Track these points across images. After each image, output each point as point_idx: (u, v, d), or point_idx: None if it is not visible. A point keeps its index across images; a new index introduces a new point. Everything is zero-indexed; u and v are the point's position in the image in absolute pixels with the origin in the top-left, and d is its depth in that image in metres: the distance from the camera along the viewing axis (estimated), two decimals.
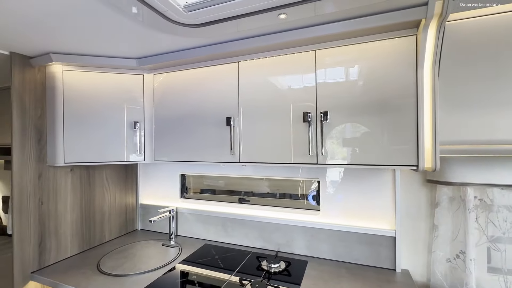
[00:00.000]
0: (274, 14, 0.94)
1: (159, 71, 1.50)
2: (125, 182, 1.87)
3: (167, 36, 1.14)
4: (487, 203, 1.16)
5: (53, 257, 1.41)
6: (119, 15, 0.97)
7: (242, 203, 1.68)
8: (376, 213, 1.35)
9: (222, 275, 1.28)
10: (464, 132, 1.00)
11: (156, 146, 1.52)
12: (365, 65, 1.07)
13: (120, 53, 1.36)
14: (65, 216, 1.47)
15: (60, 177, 1.46)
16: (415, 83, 0.99)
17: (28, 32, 1.09)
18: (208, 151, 1.37)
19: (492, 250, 1.17)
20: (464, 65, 0.99)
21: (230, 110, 1.31)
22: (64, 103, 1.38)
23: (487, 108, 0.97)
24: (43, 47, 1.25)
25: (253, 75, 1.26)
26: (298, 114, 1.17)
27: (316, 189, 1.51)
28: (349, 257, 1.39)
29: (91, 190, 1.63)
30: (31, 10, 0.92)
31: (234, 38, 1.18)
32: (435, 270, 1.24)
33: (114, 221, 1.78)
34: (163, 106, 1.50)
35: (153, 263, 1.39)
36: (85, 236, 1.58)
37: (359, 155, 1.08)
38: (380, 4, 0.90)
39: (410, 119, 1.00)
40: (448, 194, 1.22)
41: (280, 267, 1.33)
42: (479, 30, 0.96)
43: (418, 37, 0.97)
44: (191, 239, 1.75)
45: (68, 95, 1.38)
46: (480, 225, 1.17)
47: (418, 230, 1.31)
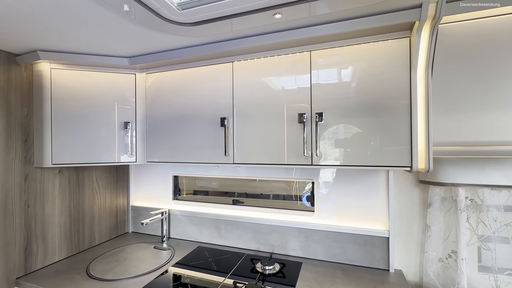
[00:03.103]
0: (270, 13, 0.93)
1: (151, 70, 1.47)
2: (116, 183, 1.83)
3: (160, 34, 1.12)
4: (477, 203, 1.18)
5: (40, 261, 1.36)
6: (110, 12, 0.94)
7: (236, 204, 1.67)
8: (370, 213, 1.35)
9: (216, 278, 1.26)
10: (457, 133, 1.01)
11: (148, 147, 1.49)
12: (360, 66, 1.07)
13: (111, 52, 1.33)
14: (53, 219, 1.42)
15: (48, 179, 1.41)
16: (409, 84, 1.00)
17: (14, 29, 1.05)
18: (202, 152, 1.34)
19: (482, 249, 1.19)
20: (457, 67, 1.00)
21: (224, 110, 1.29)
22: (52, 103, 1.33)
23: (480, 110, 0.98)
24: (30, 44, 1.21)
25: (248, 76, 1.25)
26: (293, 115, 1.16)
27: (310, 190, 1.51)
28: (344, 258, 1.39)
29: (80, 192, 1.58)
30: (19, 5, 0.88)
31: (228, 38, 1.17)
32: (428, 270, 1.25)
33: (104, 224, 1.73)
34: (155, 106, 1.47)
35: (145, 267, 1.36)
36: (74, 240, 1.53)
37: (354, 156, 1.09)
38: (375, 5, 0.90)
39: (404, 121, 1.01)
40: (440, 195, 1.23)
41: (274, 269, 1.32)
42: (472, 33, 0.98)
43: (412, 39, 0.98)
44: (184, 241, 1.72)
45: (56, 94, 1.34)
46: (471, 225, 1.19)
47: (411, 231, 1.33)
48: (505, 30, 0.95)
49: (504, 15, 0.95)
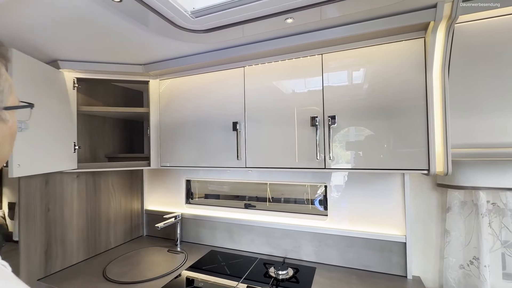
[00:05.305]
0: (281, 18, 0.94)
1: (165, 76, 1.51)
2: (130, 188, 1.87)
3: (173, 42, 1.15)
4: (500, 207, 1.13)
5: (59, 264, 1.41)
6: (127, 22, 0.97)
7: (248, 208, 1.67)
8: (385, 218, 1.32)
9: (229, 282, 1.25)
10: (476, 135, 0.98)
11: (161, 152, 1.52)
12: (373, 68, 1.06)
13: (127, 60, 1.37)
14: (71, 223, 1.47)
15: (67, 184, 1.46)
16: (425, 85, 0.98)
17: (37, 41, 1.11)
18: (214, 156, 1.36)
19: (507, 256, 1.14)
20: (475, 67, 0.97)
21: (236, 115, 1.30)
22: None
23: (499, 111, 0.95)
24: (51, 55, 1.26)
25: (260, 80, 1.26)
26: (305, 119, 1.16)
27: (323, 194, 1.49)
28: (359, 264, 1.36)
29: (97, 197, 1.62)
30: (40, 18, 0.93)
31: (240, 43, 1.19)
32: (448, 277, 1.20)
33: (119, 227, 1.77)
34: (168, 111, 1.50)
35: (159, 270, 1.37)
36: (90, 243, 1.57)
37: (367, 159, 1.07)
38: (388, 7, 0.89)
39: (420, 122, 0.99)
40: (459, 199, 1.19)
41: (288, 274, 1.31)
42: (489, 32, 0.95)
43: (427, 39, 0.96)
44: (196, 245, 1.73)
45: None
46: (493, 230, 1.14)
47: (429, 236, 1.28)
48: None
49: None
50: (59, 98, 1.30)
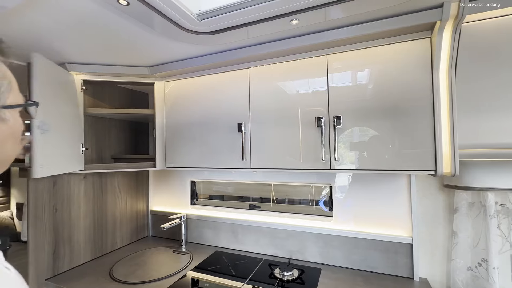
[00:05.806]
0: (286, 20, 0.94)
1: (170, 78, 1.52)
2: (136, 189, 1.89)
3: (179, 44, 1.16)
4: (509, 208, 1.12)
5: (67, 264, 1.42)
6: (133, 25, 0.99)
7: (253, 209, 1.67)
8: (391, 219, 1.31)
9: (234, 283, 1.26)
10: (483, 135, 0.97)
11: (167, 153, 1.53)
12: (378, 68, 1.06)
13: (133, 62, 1.39)
14: (78, 223, 1.49)
15: (74, 185, 1.48)
16: (431, 86, 0.97)
17: (45, 44, 1.13)
18: (219, 157, 1.36)
19: None
20: (482, 66, 0.97)
21: (241, 116, 1.31)
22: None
23: (507, 110, 0.94)
24: (59, 58, 1.28)
25: (264, 81, 1.26)
26: (310, 120, 1.16)
27: (328, 195, 1.48)
28: (364, 265, 1.35)
29: (103, 197, 1.64)
30: (49, 22, 0.95)
31: (245, 45, 1.19)
32: (456, 279, 1.19)
33: (125, 228, 1.78)
34: (173, 112, 1.51)
35: (165, 271, 1.38)
36: (97, 243, 1.59)
37: (373, 159, 1.06)
38: (393, 7, 0.89)
39: (426, 123, 0.98)
40: (467, 200, 1.18)
41: (293, 275, 1.31)
42: (497, 31, 0.94)
43: (433, 39, 0.96)
44: (201, 245, 1.74)
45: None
46: (502, 232, 1.13)
47: (436, 237, 1.27)
48: None
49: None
50: (70, 100, 1.33)
